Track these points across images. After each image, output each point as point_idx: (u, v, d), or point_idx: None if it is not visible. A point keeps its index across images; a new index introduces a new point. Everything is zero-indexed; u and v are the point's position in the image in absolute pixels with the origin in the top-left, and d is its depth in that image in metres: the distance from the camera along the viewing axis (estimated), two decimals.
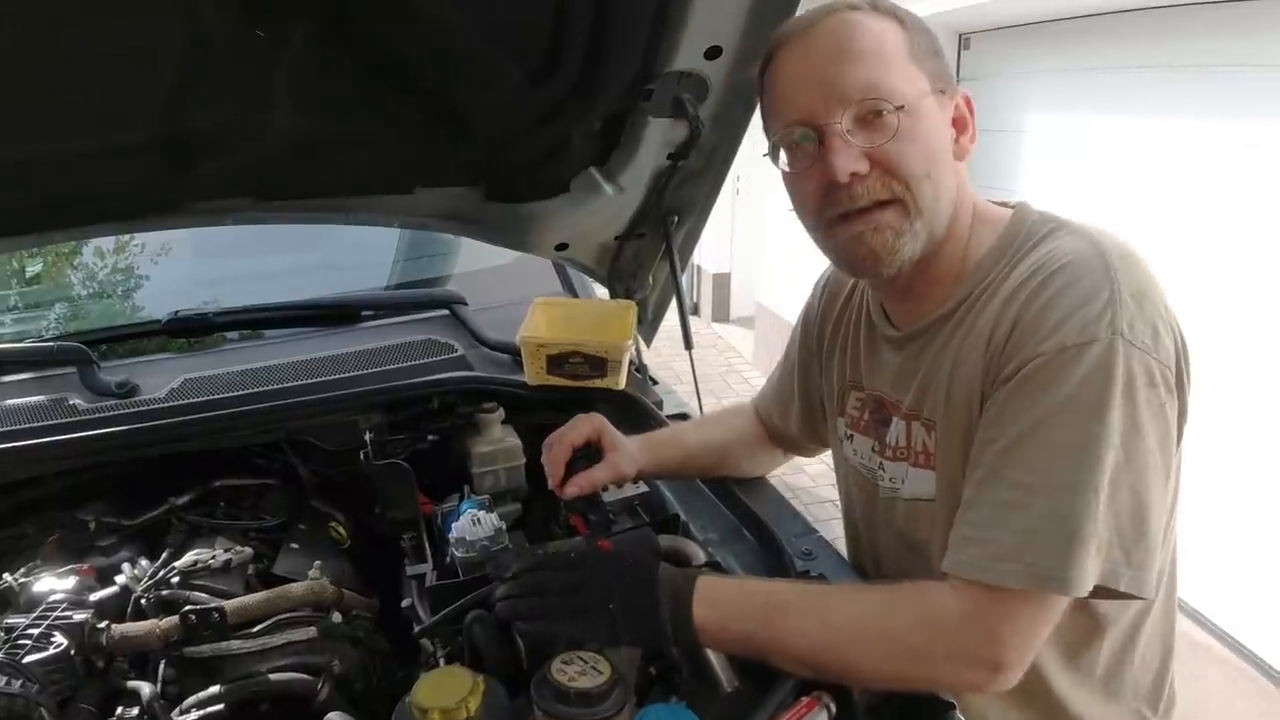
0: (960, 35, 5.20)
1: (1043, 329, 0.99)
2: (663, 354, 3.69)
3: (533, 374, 1.88)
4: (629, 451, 1.47)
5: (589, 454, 1.44)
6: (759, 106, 1.20)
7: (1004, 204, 1.21)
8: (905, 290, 1.20)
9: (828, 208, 1.11)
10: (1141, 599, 1.04)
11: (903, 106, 1.04)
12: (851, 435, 1.38)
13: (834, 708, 1.05)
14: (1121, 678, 1.24)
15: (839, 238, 1.13)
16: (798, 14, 1.16)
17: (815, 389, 1.50)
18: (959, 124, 1.12)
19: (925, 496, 1.21)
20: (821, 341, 1.46)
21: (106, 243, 2.77)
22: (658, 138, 1.63)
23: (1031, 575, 0.95)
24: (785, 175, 1.16)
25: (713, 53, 1.41)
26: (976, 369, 1.08)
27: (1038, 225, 1.12)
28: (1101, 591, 0.98)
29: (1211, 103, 3.55)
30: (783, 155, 1.15)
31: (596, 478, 1.42)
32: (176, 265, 2.79)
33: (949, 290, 1.16)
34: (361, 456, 1.75)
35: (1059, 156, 4.52)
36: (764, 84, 1.16)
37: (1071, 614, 1.07)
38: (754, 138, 1.63)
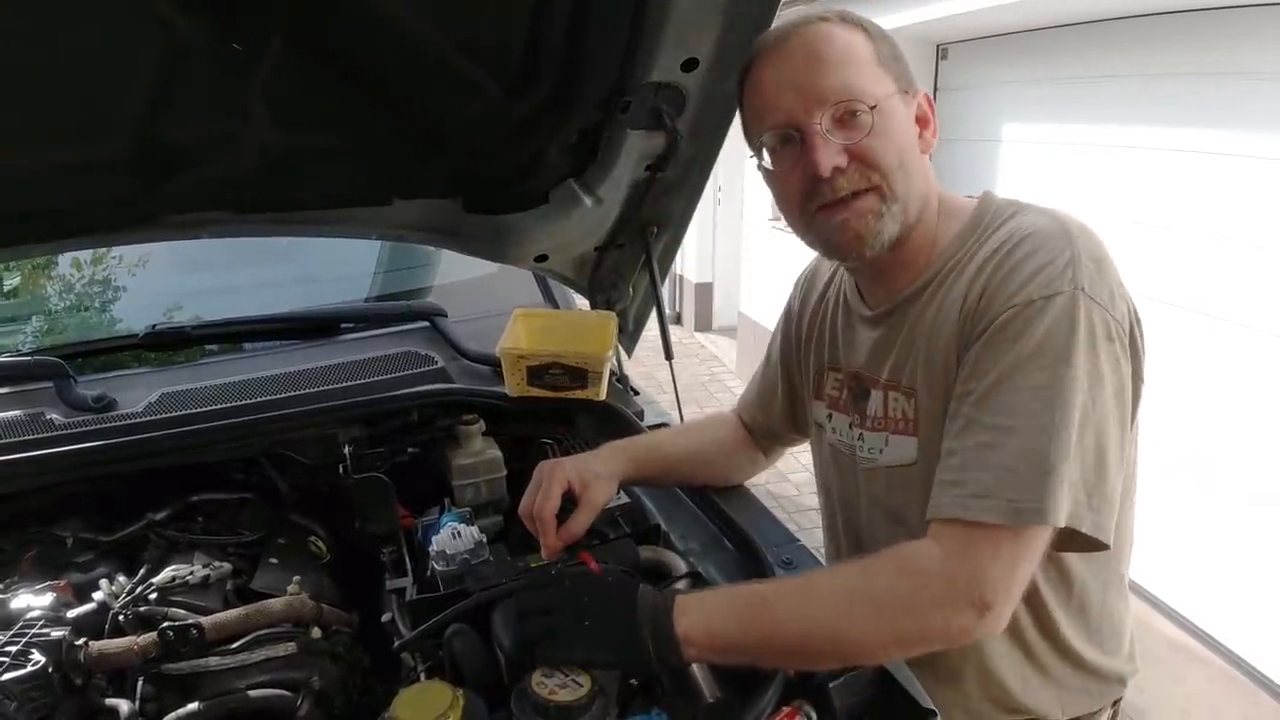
0: (938, 46, 5.24)
1: (1010, 286, 1.08)
2: (645, 364, 3.70)
3: (513, 385, 1.87)
4: (601, 478, 1.44)
5: (564, 504, 1.41)
6: (739, 114, 1.29)
7: (970, 197, 1.31)
8: (880, 272, 1.29)
9: (811, 201, 1.20)
10: (1101, 546, 1.07)
11: (875, 106, 1.14)
12: (830, 415, 1.44)
13: (814, 716, 1.05)
14: (1099, 628, 1.34)
15: (823, 226, 1.22)
16: (772, 27, 1.24)
17: (798, 381, 1.56)
18: (922, 121, 1.23)
19: (905, 461, 1.27)
20: (800, 333, 1.53)
21: (84, 255, 2.74)
22: (636, 149, 1.63)
23: (1011, 510, 1.01)
24: (769, 174, 1.26)
25: (689, 64, 1.41)
26: (952, 335, 1.16)
27: (1003, 208, 1.23)
28: (1066, 536, 1.04)
29: (1186, 110, 3.59)
30: (766, 156, 1.23)
31: (578, 527, 1.39)
32: (155, 278, 2.77)
33: (919, 270, 1.25)
34: (340, 470, 1.74)
35: (1034, 164, 4.57)
36: (744, 93, 1.25)
37: (1044, 568, 1.18)
38: (731, 149, 1.64)
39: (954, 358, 1.15)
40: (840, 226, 1.20)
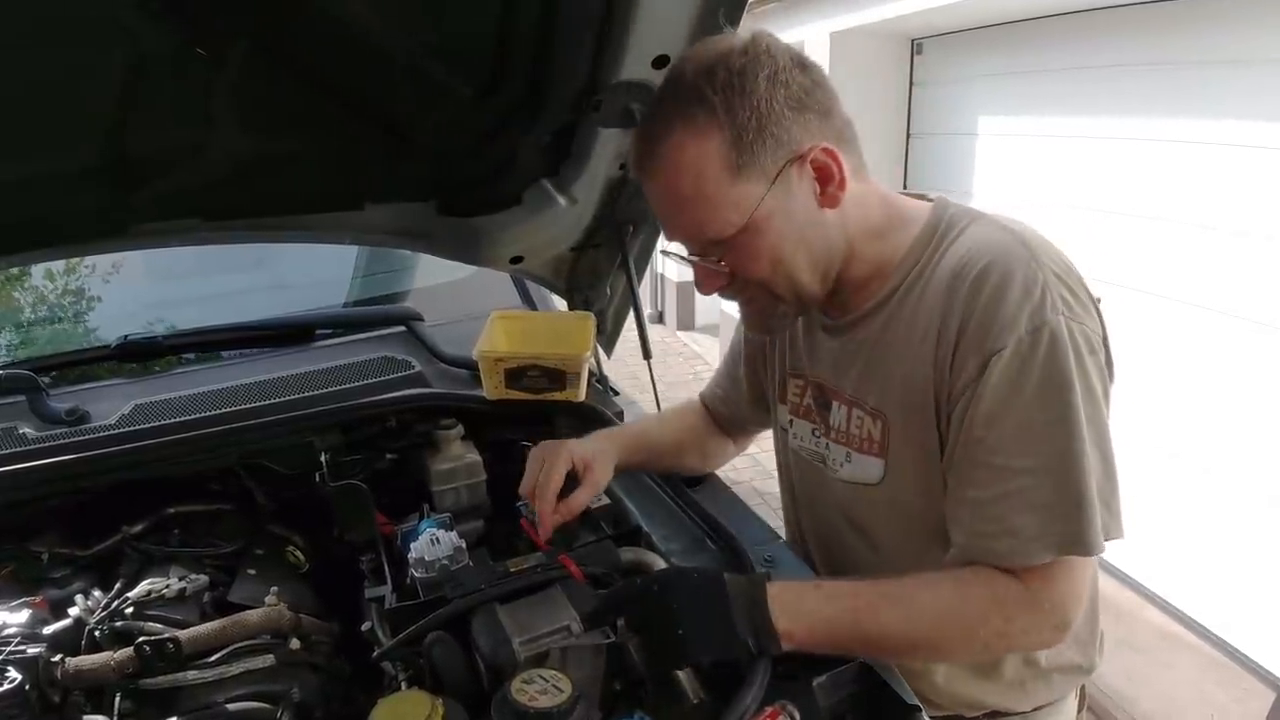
0: (913, 41, 5.25)
1: (995, 325, 1.06)
2: (628, 364, 3.68)
3: (491, 389, 1.86)
4: (602, 457, 1.45)
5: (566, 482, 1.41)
6: None
7: (922, 196, 1.28)
8: (832, 298, 1.26)
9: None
10: (1117, 538, 1.11)
11: (730, 236, 1.12)
12: (792, 420, 1.44)
13: (797, 716, 1.05)
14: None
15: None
16: (637, 133, 1.18)
17: (763, 377, 1.56)
18: (823, 176, 1.11)
19: (868, 481, 1.27)
20: None
21: (57, 265, 2.72)
22: (609, 148, 1.62)
23: (1059, 546, 1.06)
24: None
25: (660, 62, 1.40)
26: (927, 366, 1.14)
27: (957, 217, 1.20)
28: None
29: (1160, 100, 3.61)
30: None
31: (579, 503, 1.40)
32: (128, 288, 2.75)
33: (879, 284, 1.23)
34: (318, 478, 1.73)
35: (1010, 157, 4.59)
36: None
37: None
38: None
39: (930, 389, 1.15)
40: (744, 319, 1.32)
